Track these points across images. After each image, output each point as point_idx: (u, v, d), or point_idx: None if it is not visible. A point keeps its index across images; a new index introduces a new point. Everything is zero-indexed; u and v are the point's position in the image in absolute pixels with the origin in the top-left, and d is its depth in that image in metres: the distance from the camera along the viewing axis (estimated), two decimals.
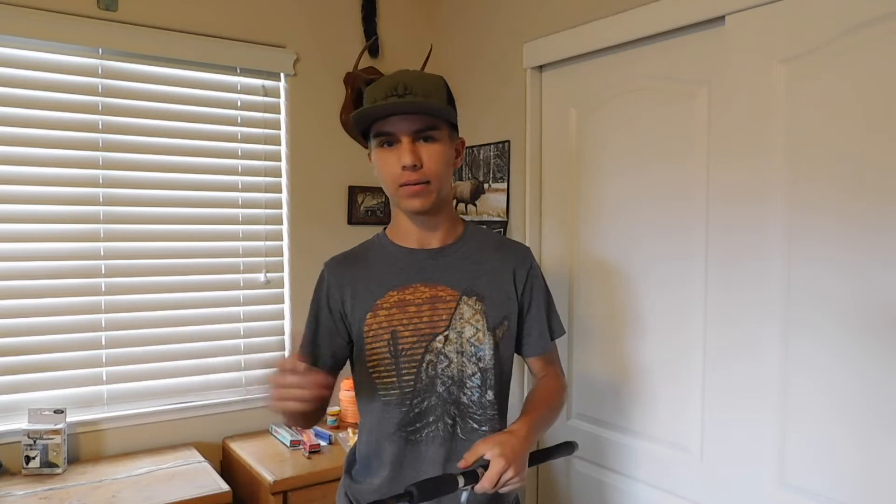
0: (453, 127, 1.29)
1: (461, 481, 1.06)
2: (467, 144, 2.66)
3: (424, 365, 1.27)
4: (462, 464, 1.12)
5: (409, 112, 1.20)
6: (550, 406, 1.34)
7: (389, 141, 1.23)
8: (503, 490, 1.12)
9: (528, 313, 1.36)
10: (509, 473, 1.10)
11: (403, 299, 1.28)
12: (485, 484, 1.09)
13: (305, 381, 1.04)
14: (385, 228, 1.38)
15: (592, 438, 2.23)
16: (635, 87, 2.07)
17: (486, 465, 1.10)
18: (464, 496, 1.11)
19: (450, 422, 1.28)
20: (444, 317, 1.28)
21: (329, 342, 1.33)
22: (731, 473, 1.79)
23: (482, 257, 1.34)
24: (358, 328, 1.30)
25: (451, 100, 1.28)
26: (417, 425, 1.28)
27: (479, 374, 1.29)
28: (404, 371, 1.27)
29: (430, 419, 1.28)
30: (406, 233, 1.33)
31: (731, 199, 1.77)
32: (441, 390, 1.28)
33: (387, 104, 1.20)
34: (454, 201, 2.71)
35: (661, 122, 1.99)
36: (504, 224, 2.52)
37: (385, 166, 1.24)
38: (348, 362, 1.38)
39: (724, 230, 1.80)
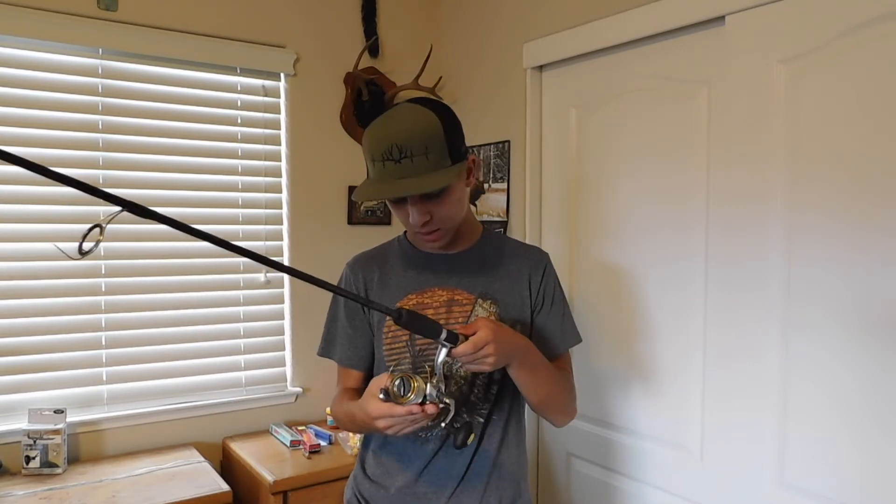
0: (460, 156, 1.24)
1: (444, 333, 1.07)
2: (467, 144, 2.65)
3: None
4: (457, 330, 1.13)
5: (408, 195, 1.18)
6: (555, 372, 1.31)
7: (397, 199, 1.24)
8: (474, 366, 1.12)
9: (538, 315, 1.36)
10: (489, 349, 1.08)
11: (422, 302, 1.31)
12: (466, 347, 1.08)
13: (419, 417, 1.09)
14: (405, 232, 1.41)
15: (592, 438, 2.23)
16: (635, 87, 2.07)
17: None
18: (441, 355, 1.10)
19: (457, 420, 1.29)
20: (459, 319, 1.30)
21: (366, 341, 1.37)
22: (731, 473, 1.79)
23: (498, 262, 1.36)
24: (377, 329, 1.34)
25: (451, 133, 1.20)
26: (428, 423, 1.29)
27: (487, 373, 1.29)
28: (420, 370, 1.29)
29: (437, 420, 1.28)
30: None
31: (731, 199, 1.77)
32: (453, 389, 1.30)
33: (383, 182, 1.17)
34: None
35: (661, 122, 1.99)
36: (504, 224, 2.52)
37: (398, 215, 1.27)
38: None
39: (724, 230, 1.80)
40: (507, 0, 2.50)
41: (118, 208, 0.80)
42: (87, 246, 0.79)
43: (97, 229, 0.79)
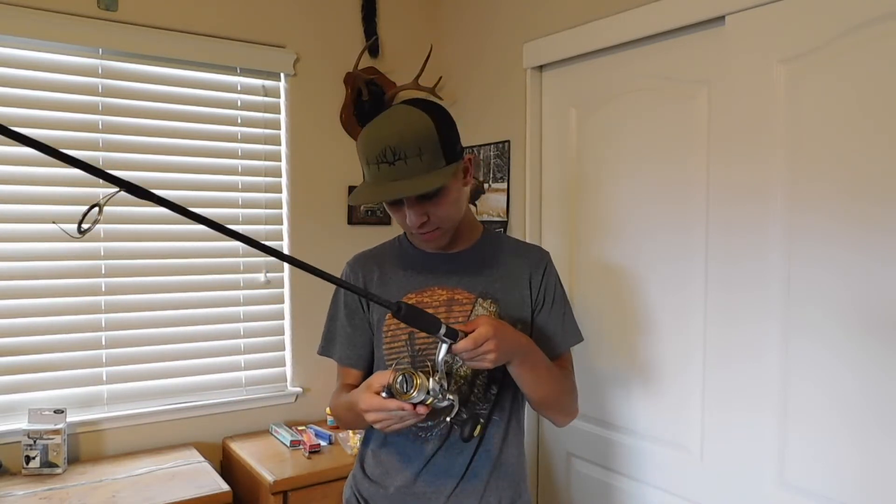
0: (456, 156, 1.23)
1: (444, 329, 1.07)
2: (467, 144, 2.66)
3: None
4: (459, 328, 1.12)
5: (401, 197, 1.17)
6: (556, 371, 1.30)
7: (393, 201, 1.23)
8: (475, 363, 1.11)
9: (538, 315, 1.36)
10: (489, 345, 1.09)
11: (421, 301, 1.31)
12: (466, 343, 1.08)
13: (409, 414, 1.09)
14: (406, 231, 1.40)
15: (592, 438, 2.23)
16: (635, 87, 2.07)
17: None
18: (442, 351, 1.11)
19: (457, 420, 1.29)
20: (460, 319, 1.29)
21: (365, 340, 1.37)
22: (731, 473, 1.79)
23: (498, 261, 1.36)
24: (377, 328, 1.34)
25: (444, 133, 1.18)
26: (429, 423, 1.30)
27: (487, 372, 1.30)
28: (421, 367, 1.28)
29: (441, 417, 1.29)
30: None
31: (731, 199, 1.77)
32: (453, 388, 1.29)
33: (378, 184, 1.17)
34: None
35: (661, 122, 1.99)
36: (504, 224, 2.53)
37: (396, 216, 1.26)
38: None
39: (724, 230, 1.80)
40: (507, 0, 2.50)
41: (115, 189, 0.82)
42: (85, 225, 0.80)
43: (95, 209, 0.81)
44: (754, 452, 1.73)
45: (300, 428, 2.48)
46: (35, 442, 2.06)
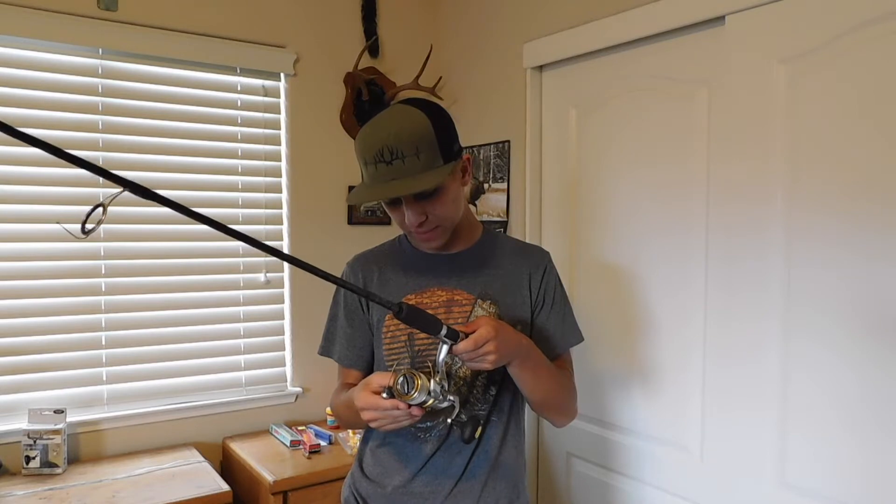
0: (453, 155, 1.23)
1: (445, 329, 1.07)
2: (467, 144, 2.66)
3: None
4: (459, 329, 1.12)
5: (400, 195, 1.17)
6: (556, 372, 1.30)
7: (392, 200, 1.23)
8: (475, 364, 1.11)
9: (538, 315, 1.36)
10: (490, 346, 1.08)
11: (421, 302, 1.31)
12: (466, 344, 1.08)
13: (404, 414, 1.09)
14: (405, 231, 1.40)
15: (592, 438, 2.23)
16: (635, 87, 2.07)
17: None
18: (443, 352, 1.10)
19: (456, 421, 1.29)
20: (459, 320, 1.29)
21: (365, 341, 1.38)
22: (731, 473, 1.79)
23: (498, 262, 1.36)
24: (377, 328, 1.34)
25: (441, 132, 1.18)
26: (428, 423, 1.30)
27: (487, 373, 1.30)
28: (421, 368, 1.29)
29: (441, 418, 1.29)
30: None
31: (731, 199, 1.77)
32: (452, 389, 1.29)
33: (376, 184, 1.17)
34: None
35: (661, 122, 1.99)
36: (504, 224, 2.53)
37: (395, 216, 1.26)
38: None
39: (724, 230, 1.80)
40: (507, 0, 2.50)
41: (119, 189, 0.82)
42: (90, 225, 0.81)
43: (100, 209, 0.81)
44: (754, 452, 1.73)
45: (300, 428, 2.48)
46: (35, 442, 2.06)
